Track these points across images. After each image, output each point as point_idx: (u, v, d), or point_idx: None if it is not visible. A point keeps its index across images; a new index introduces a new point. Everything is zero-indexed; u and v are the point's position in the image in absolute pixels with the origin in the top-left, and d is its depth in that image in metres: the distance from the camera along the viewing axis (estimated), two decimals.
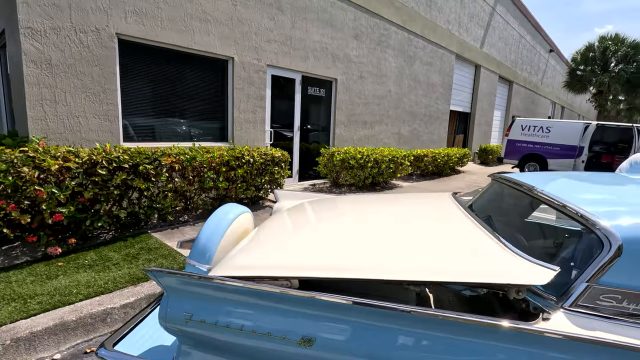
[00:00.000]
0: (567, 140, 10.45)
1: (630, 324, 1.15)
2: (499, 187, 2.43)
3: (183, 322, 1.34)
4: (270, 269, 1.44)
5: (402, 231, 1.84)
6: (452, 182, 9.65)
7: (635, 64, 18.72)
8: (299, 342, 1.24)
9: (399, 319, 1.18)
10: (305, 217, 2.23)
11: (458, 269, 1.30)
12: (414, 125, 10.73)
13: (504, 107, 18.44)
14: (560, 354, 1.09)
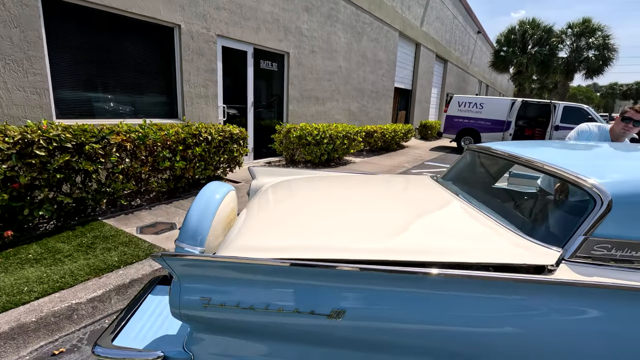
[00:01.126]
0: (497, 116, 11.49)
1: (618, 268, 1.32)
2: (473, 157, 2.58)
3: (201, 307, 1.24)
4: (284, 250, 1.37)
5: (404, 212, 1.88)
6: (399, 156, 10.12)
7: (548, 46, 20.94)
8: (329, 315, 1.23)
9: (428, 282, 1.22)
10: (299, 196, 2.17)
11: (472, 248, 1.37)
12: (362, 101, 10.93)
13: (440, 84, 19.55)
14: (567, 300, 1.22)
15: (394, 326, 1.23)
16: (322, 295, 1.24)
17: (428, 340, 1.23)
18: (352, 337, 1.25)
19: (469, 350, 1.24)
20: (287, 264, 1.20)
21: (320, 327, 1.24)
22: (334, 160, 8.07)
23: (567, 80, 22.45)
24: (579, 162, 1.65)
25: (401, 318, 1.23)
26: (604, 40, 20.11)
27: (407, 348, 1.25)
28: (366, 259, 1.31)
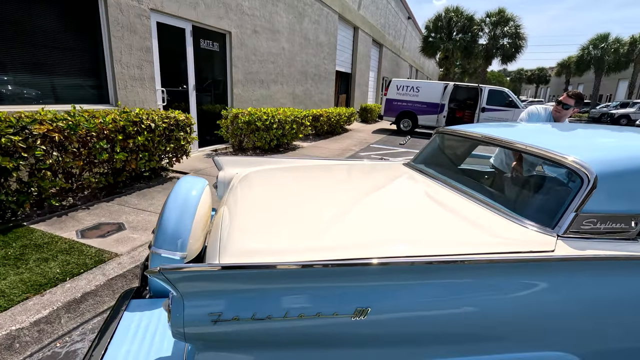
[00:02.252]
0: (432, 99, 12.19)
1: (602, 240, 1.44)
2: (443, 140, 2.65)
3: (209, 323, 1.08)
4: (296, 252, 1.25)
5: (401, 204, 1.85)
6: (345, 140, 10.25)
7: (470, 34, 22.63)
8: (353, 314, 1.16)
9: (447, 271, 1.21)
10: (283, 189, 2.03)
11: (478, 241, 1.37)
12: (306, 85, 10.77)
13: (376, 68, 20.10)
14: (564, 273, 1.31)
15: (417, 317, 1.20)
16: (345, 295, 1.16)
17: (450, 326, 1.23)
18: (376, 334, 1.19)
19: (488, 332, 1.26)
20: (321, 265, 1.09)
21: (344, 328, 1.16)
22: (282, 145, 7.88)
23: (486, 65, 24.61)
24: (559, 142, 1.75)
25: (424, 308, 1.20)
26: (516, 29, 22.33)
27: (431, 336, 1.23)
28: (388, 255, 1.25)
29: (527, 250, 1.32)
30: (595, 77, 30.30)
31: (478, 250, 1.28)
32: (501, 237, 1.42)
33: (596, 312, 1.35)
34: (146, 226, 3.22)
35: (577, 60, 30.81)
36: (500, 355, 1.30)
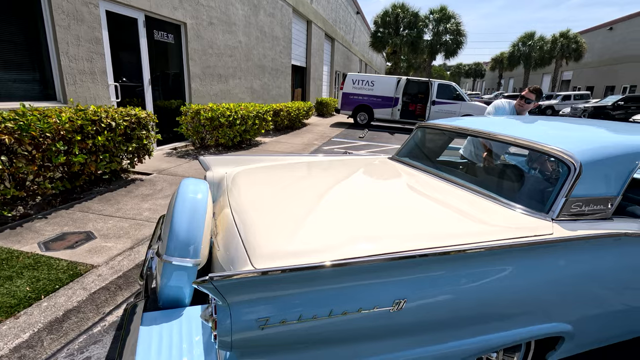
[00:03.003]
0: (387, 93, 12.60)
1: (586, 220, 1.62)
2: (423, 133, 2.78)
3: (257, 329, 1.07)
4: (330, 251, 1.25)
5: (402, 198, 1.91)
6: (306, 134, 10.26)
7: (416, 30, 23.64)
8: (392, 306, 1.20)
9: (473, 260, 1.29)
10: (288, 188, 2.01)
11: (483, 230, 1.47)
12: (264, 79, 10.57)
13: (329, 62, 20.26)
14: (561, 252, 1.46)
15: (447, 303, 1.28)
16: (384, 289, 1.20)
17: (474, 309, 1.32)
18: (411, 322, 1.25)
19: (502, 311, 1.38)
20: (367, 260, 1.11)
21: (383, 320, 1.20)
22: (245, 141, 7.69)
23: (431, 60, 25.91)
24: (543, 135, 1.93)
25: (453, 294, 1.28)
26: (457, 26, 23.74)
27: (458, 319, 1.31)
28: (422, 247, 1.30)
29: (533, 235, 1.46)
30: (524, 71, 33.28)
31: (491, 238, 1.38)
32: (506, 225, 1.54)
33: (585, 283, 1.53)
34: (119, 233, 2.99)
35: (509, 56, 33.58)
36: (516, 330, 1.42)
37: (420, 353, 1.28)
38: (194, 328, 1.38)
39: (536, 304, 1.44)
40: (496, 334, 1.39)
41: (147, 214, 3.43)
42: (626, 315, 1.68)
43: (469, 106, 12.10)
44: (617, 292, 1.61)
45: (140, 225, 3.18)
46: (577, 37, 28.50)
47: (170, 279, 1.49)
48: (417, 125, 2.85)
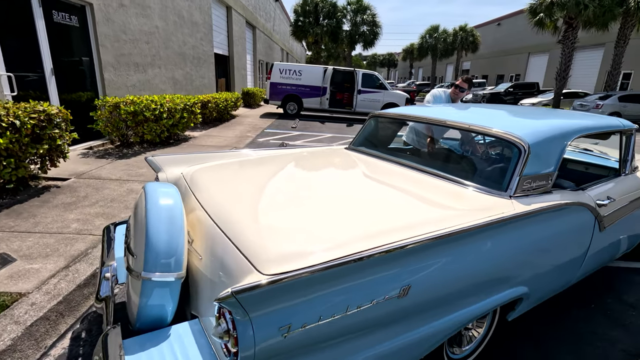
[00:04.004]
0: (314, 82, 12.70)
1: (533, 195, 1.85)
2: (376, 123, 2.87)
3: (280, 338, 1.02)
4: (335, 249, 1.22)
5: (374, 189, 1.96)
6: (237, 126, 9.87)
7: (335, 20, 24.12)
8: (399, 294, 1.24)
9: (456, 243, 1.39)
10: (258, 185, 1.90)
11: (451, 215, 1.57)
12: (186, 68, 9.82)
13: (252, 51, 19.64)
14: (520, 224, 1.65)
15: (442, 283, 1.37)
16: (391, 279, 1.23)
17: (468, 281, 1.44)
18: (416, 304, 1.30)
19: (498, 275, 1.52)
20: (384, 251, 1.12)
21: (393, 307, 1.24)
22: (173, 136, 7.10)
23: (350, 50, 26.78)
24: (495, 121, 2.13)
25: (445, 275, 1.38)
26: (373, 17, 24.83)
27: (458, 293, 1.42)
28: (408, 237, 1.32)
29: (500, 212, 1.62)
30: (432, 61, 36.40)
31: (468, 220, 1.47)
32: (476, 206, 1.67)
33: (537, 249, 1.76)
34: (45, 252, 2.55)
35: (419, 48, 36.38)
36: (489, 299, 1.58)
37: (425, 330, 1.35)
38: (188, 348, 1.25)
39: (503, 273, 1.61)
40: (476, 304, 1.52)
41: (76, 226, 2.97)
42: (564, 270, 1.98)
43: (391, 94, 12.85)
44: (558, 252, 1.88)
45: (70, 239, 2.75)
46: (473, 31, 32.03)
47: (150, 298, 1.32)
48: (370, 115, 2.93)
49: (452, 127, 2.25)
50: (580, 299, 2.49)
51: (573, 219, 1.92)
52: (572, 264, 2.01)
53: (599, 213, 2.04)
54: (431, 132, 3.13)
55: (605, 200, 2.09)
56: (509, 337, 2.08)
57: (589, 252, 2.07)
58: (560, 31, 16.04)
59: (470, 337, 1.84)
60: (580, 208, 1.94)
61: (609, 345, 2.08)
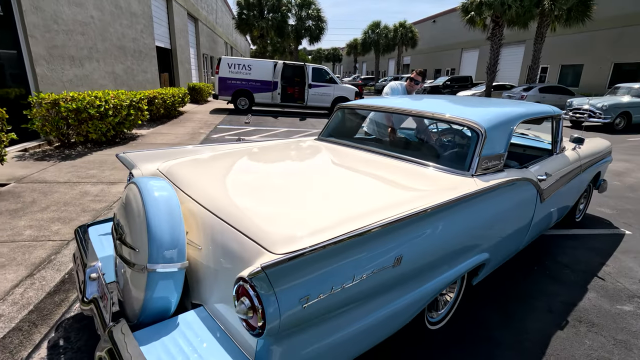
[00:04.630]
0: (265, 77, 12.57)
1: (490, 173, 2.11)
2: (343, 114, 3.01)
3: (300, 309, 1.11)
4: (339, 226, 1.32)
5: (350, 174, 2.10)
6: (187, 122, 9.49)
7: (280, 14, 23.93)
8: (394, 264, 1.40)
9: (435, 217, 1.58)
10: (243, 175, 1.98)
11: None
12: (127, 62, 9.19)
13: (195, 45, 18.83)
14: (481, 199, 1.90)
15: (428, 252, 1.55)
16: (385, 252, 1.37)
17: (446, 250, 1.64)
18: (408, 271, 1.47)
19: (467, 244, 1.74)
20: (386, 224, 1.25)
21: (389, 275, 1.39)
22: (120, 135, 6.67)
23: (297, 44, 26.77)
24: (453, 110, 2.37)
25: (432, 245, 1.56)
26: (318, 12, 25.03)
27: (438, 261, 1.61)
28: (393, 215, 1.46)
29: (466, 189, 1.84)
30: (375, 56, 37.65)
31: (442, 197, 1.65)
32: (445, 185, 1.88)
33: (495, 220, 2.02)
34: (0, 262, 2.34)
35: (362, 43, 37.38)
36: (459, 266, 1.80)
37: (413, 295, 1.53)
38: (199, 333, 1.29)
39: (471, 242, 1.85)
40: (451, 271, 1.73)
41: (30, 233, 2.75)
42: (515, 237, 2.29)
43: (341, 88, 13.16)
44: (511, 222, 2.18)
45: (27, 247, 2.54)
46: (412, 28, 33.67)
47: (156, 289, 1.33)
48: (337, 107, 3.06)
49: (418, 115, 2.47)
50: (525, 263, 2.87)
51: (521, 192, 2.22)
52: (521, 231, 2.33)
53: (540, 187, 2.38)
54: (392, 122, 3.35)
55: (544, 176, 2.44)
56: (473, 300, 2.37)
57: (533, 220, 2.41)
58: (489, 29, 17.53)
59: (444, 302, 2.07)
60: (526, 183, 2.25)
61: (551, 298, 2.45)
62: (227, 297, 1.36)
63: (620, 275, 2.76)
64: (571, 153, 3.00)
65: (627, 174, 5.83)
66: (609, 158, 3.82)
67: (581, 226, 3.63)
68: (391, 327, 1.53)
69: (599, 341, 2.05)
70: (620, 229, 3.62)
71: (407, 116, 2.69)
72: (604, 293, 2.52)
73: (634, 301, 2.44)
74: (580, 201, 3.55)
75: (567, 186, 2.86)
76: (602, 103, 10.46)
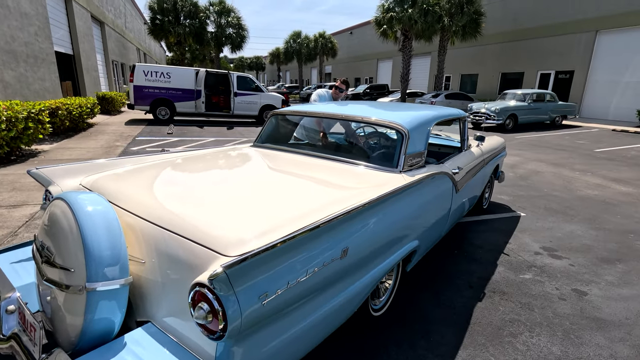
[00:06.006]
0: (186, 85, 12.01)
1: (414, 169, 2.36)
2: (277, 120, 3.08)
3: (260, 306, 1.15)
4: (283, 227, 1.38)
5: (286, 178, 2.17)
6: (100, 135, 8.61)
7: (198, 20, 23.08)
8: (341, 256, 1.51)
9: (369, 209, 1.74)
10: (179, 184, 1.93)
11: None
12: (19, 69, 8.04)
13: (102, 50, 17.19)
14: (409, 192, 2.13)
15: (369, 244, 1.69)
16: (333, 245, 1.47)
17: (384, 239, 1.80)
18: (354, 262, 1.59)
19: (400, 233, 1.92)
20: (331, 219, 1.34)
21: (338, 267, 1.49)
22: (16, 151, 5.80)
23: (218, 52, 26.05)
24: (378, 114, 2.59)
25: (371, 236, 1.71)
26: (238, 20, 24.72)
27: (378, 251, 1.76)
28: (337, 211, 1.58)
29: (397, 184, 2.04)
30: (298, 65, 38.42)
31: (376, 192, 1.83)
32: (378, 182, 2.06)
33: (422, 209, 2.27)
34: None
35: (284, 52, 37.87)
36: (396, 254, 1.99)
37: (359, 284, 1.65)
38: (152, 350, 1.23)
39: (404, 231, 2.05)
40: (389, 259, 1.91)
41: None
42: (438, 225, 2.58)
43: (268, 96, 13.16)
44: (434, 211, 2.46)
45: None
46: (331, 38, 35.20)
47: (97, 310, 1.23)
48: (271, 113, 3.11)
49: (349, 119, 2.65)
50: (446, 248, 3.24)
51: (441, 184, 2.52)
52: (443, 219, 2.64)
53: (455, 179, 2.73)
54: (323, 127, 3.51)
55: (457, 170, 2.80)
56: (408, 285, 2.60)
57: (451, 209, 2.75)
58: (400, 41, 19.21)
59: (384, 289, 2.25)
60: (444, 176, 2.56)
61: (469, 275, 2.81)
62: (178, 308, 1.32)
63: (520, 250, 3.27)
64: (476, 149, 3.48)
65: (518, 166, 6.88)
66: (504, 153, 4.49)
67: (488, 212, 4.20)
68: (342, 316, 1.63)
69: (509, 306, 2.41)
70: (517, 212, 4.28)
71: (337, 120, 2.86)
72: (509, 266, 2.97)
73: (532, 270, 2.92)
74: (485, 191, 4.12)
75: (475, 178, 3.31)
76: (494, 107, 12.17)
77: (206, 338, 1.14)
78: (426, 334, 2.12)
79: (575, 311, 2.38)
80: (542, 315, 2.32)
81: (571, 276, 2.83)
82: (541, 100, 13.12)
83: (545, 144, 9.58)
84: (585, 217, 4.17)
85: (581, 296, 2.56)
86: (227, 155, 2.66)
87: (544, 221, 4.00)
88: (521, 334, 2.14)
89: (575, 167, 6.88)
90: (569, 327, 2.22)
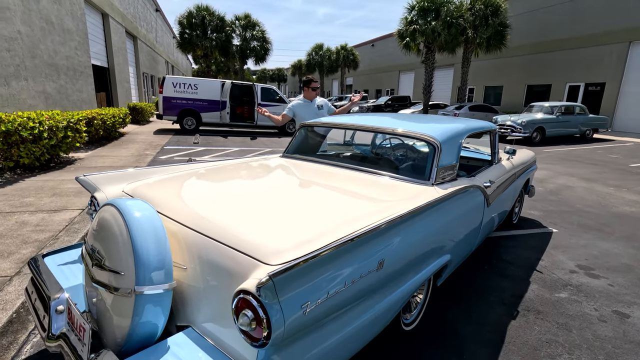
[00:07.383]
0: (212, 96, 12.39)
1: (446, 182, 2.34)
2: (306, 132, 3.13)
3: (301, 315, 1.17)
4: (321, 237, 1.40)
5: (327, 188, 2.20)
6: (131, 144, 8.97)
7: (224, 34, 23.85)
8: (377, 267, 1.51)
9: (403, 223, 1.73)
10: (224, 193, 2.01)
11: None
12: (60, 81, 8.53)
13: (134, 63, 18.01)
14: (442, 205, 2.10)
15: (405, 256, 1.69)
16: (370, 256, 1.47)
17: (418, 252, 1.79)
18: (389, 274, 1.58)
19: (433, 247, 1.90)
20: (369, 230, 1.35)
21: (374, 278, 1.49)
22: (55, 158, 6.12)
23: (242, 64, 26.78)
24: (409, 126, 2.60)
25: (407, 248, 1.70)
26: (262, 34, 25.39)
27: (412, 264, 1.75)
28: (373, 222, 1.59)
29: (430, 197, 2.03)
30: (319, 77, 38.93)
31: (411, 205, 1.82)
32: (411, 194, 2.06)
33: (454, 223, 2.24)
34: None
35: (307, 64, 38.50)
36: (428, 268, 1.96)
37: (393, 297, 1.64)
38: (194, 354, 1.26)
39: (436, 245, 2.03)
40: (422, 272, 1.89)
41: None
42: (470, 239, 2.53)
43: None
44: (466, 225, 2.42)
45: None
46: (353, 50, 35.54)
47: (143, 314, 1.28)
48: (300, 125, 3.17)
49: (378, 131, 2.66)
50: (477, 264, 3.16)
51: (472, 198, 2.49)
52: (474, 234, 2.59)
53: (486, 193, 2.68)
54: (352, 138, 3.54)
55: (489, 183, 2.75)
56: (439, 300, 2.55)
57: (483, 223, 2.69)
58: (422, 53, 19.17)
59: (416, 303, 2.22)
60: (475, 190, 2.53)
61: (501, 291, 2.73)
62: (218, 313, 1.36)
63: (554, 268, 3.15)
64: (507, 163, 3.41)
65: (548, 180, 6.67)
66: (535, 167, 4.38)
67: (517, 227, 4.08)
68: (375, 329, 1.62)
69: (545, 326, 2.32)
70: (549, 228, 4.13)
71: (367, 132, 2.88)
72: (543, 284, 2.86)
73: (567, 289, 2.80)
74: (515, 205, 4.01)
75: (506, 192, 3.24)
76: (521, 119, 11.89)
77: (247, 344, 1.16)
78: (458, 351, 2.07)
79: (618, 334, 2.26)
80: (581, 337, 2.22)
81: (611, 297, 2.70)
82: (570, 113, 12.71)
83: (576, 158, 9.25)
84: (623, 234, 3.98)
85: (623, 318, 2.43)
86: (260, 165, 2.72)
87: (578, 238, 3.84)
88: (560, 355, 2.05)
89: (608, 182, 6.60)
90: (612, 350, 2.11)
